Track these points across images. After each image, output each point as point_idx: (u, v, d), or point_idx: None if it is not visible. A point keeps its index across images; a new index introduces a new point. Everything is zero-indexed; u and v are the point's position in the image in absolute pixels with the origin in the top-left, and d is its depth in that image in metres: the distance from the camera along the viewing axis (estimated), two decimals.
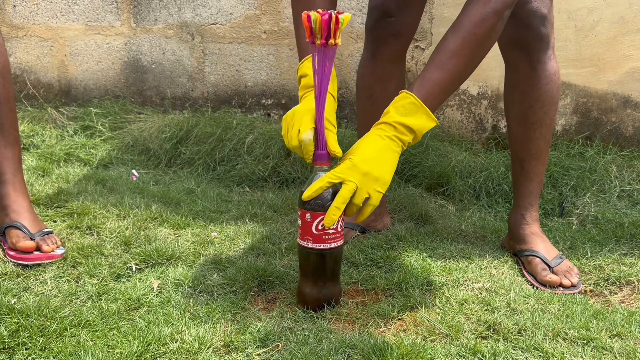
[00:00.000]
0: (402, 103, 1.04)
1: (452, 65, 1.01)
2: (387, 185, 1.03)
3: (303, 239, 1.07)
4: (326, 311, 1.09)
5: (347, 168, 1.02)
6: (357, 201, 1.01)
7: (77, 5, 2.34)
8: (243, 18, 2.23)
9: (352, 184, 1.01)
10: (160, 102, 2.38)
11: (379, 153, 1.02)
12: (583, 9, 1.93)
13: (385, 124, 1.04)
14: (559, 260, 1.28)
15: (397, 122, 1.03)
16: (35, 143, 2.14)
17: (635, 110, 1.99)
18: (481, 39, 1.01)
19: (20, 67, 2.44)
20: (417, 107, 1.03)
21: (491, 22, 1.00)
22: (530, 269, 1.28)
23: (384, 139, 1.03)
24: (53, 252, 1.28)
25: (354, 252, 1.35)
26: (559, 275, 1.24)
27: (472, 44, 1.01)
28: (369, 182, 1.01)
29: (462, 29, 1.01)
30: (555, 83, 1.30)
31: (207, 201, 1.68)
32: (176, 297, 1.13)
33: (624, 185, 1.74)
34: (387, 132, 1.03)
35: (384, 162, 1.02)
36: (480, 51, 1.03)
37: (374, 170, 1.01)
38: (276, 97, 2.28)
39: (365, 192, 1.01)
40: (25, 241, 1.27)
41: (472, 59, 1.03)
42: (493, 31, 1.02)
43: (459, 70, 1.02)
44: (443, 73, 1.02)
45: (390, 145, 1.03)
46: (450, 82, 1.03)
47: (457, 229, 1.53)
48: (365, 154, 1.02)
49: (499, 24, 1.02)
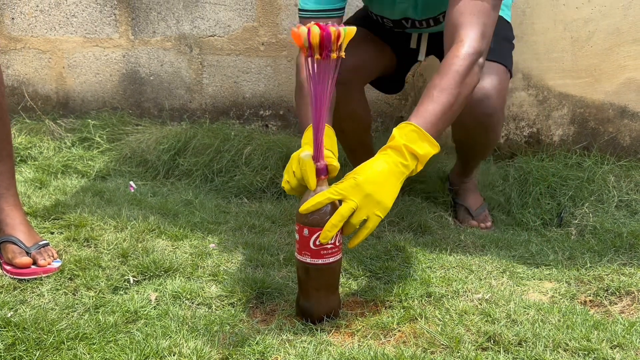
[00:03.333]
0: (404, 131, 1.07)
1: (443, 98, 1.12)
2: (387, 212, 1.04)
3: (301, 253, 1.06)
4: (325, 323, 1.09)
5: (350, 186, 1.02)
6: (355, 221, 1.02)
7: (76, 18, 2.35)
8: (241, 30, 2.24)
9: (352, 203, 1.01)
10: (159, 113, 2.38)
11: (383, 178, 1.04)
12: (579, 20, 1.94)
13: (392, 149, 1.06)
14: (480, 211, 1.70)
15: (404, 146, 1.05)
16: (33, 155, 2.13)
17: (632, 120, 2.00)
18: (463, 75, 1.15)
19: (18, 80, 2.45)
20: (419, 134, 1.07)
21: (469, 62, 1.16)
22: (458, 213, 1.72)
23: (389, 165, 1.05)
24: (49, 265, 1.27)
25: (353, 263, 1.34)
26: (477, 221, 1.68)
27: (456, 80, 1.14)
28: (369, 204, 1.02)
29: (446, 69, 1.15)
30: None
31: (205, 212, 1.67)
32: (174, 309, 1.12)
33: (622, 195, 1.74)
34: (393, 157, 1.05)
35: (388, 187, 1.03)
36: (464, 87, 1.15)
37: (376, 194, 1.02)
38: (274, 108, 2.29)
39: (365, 214, 1.02)
40: (21, 258, 1.27)
41: (459, 94, 1.14)
42: (472, 70, 1.17)
43: (450, 102, 1.12)
44: (436, 105, 1.11)
45: (395, 172, 1.05)
46: (443, 113, 1.11)
47: (456, 239, 1.53)
48: (370, 176, 1.03)
49: (476, 66, 1.18)
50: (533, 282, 1.30)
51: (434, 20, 1.52)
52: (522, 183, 1.81)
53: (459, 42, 1.18)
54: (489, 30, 1.22)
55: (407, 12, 1.50)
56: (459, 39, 1.18)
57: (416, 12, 1.49)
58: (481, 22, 1.20)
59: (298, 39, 0.97)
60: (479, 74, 1.20)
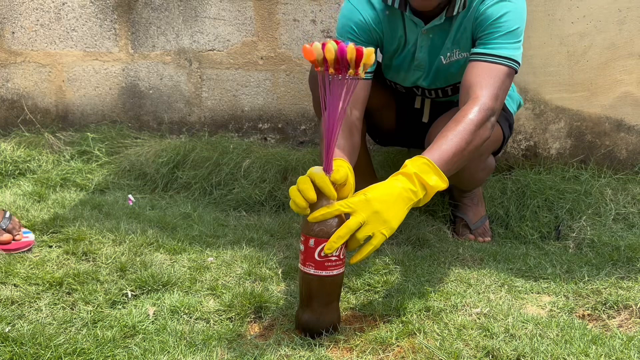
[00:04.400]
0: (417, 163, 1.12)
1: (456, 140, 1.19)
2: (393, 232, 1.06)
3: (305, 264, 1.06)
4: (324, 338, 1.08)
5: (360, 201, 1.04)
6: (360, 236, 1.03)
7: (76, 32, 2.37)
8: (240, 44, 2.25)
9: (360, 217, 1.03)
10: (158, 126, 2.39)
11: (393, 199, 1.07)
12: (575, 35, 1.96)
13: (403, 175, 1.10)
14: (479, 224, 1.72)
15: (415, 174, 1.09)
16: (32, 168, 2.13)
17: (628, 134, 2.01)
18: (477, 125, 1.23)
19: (17, 93, 2.46)
20: (430, 167, 1.12)
21: (483, 115, 1.25)
22: (457, 227, 1.74)
23: (399, 189, 1.08)
24: (25, 238, 1.46)
25: (351, 276, 1.34)
26: (475, 235, 1.71)
27: (470, 128, 1.22)
28: (377, 222, 1.04)
29: (462, 118, 1.23)
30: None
31: (203, 226, 1.68)
32: (172, 324, 1.12)
33: (619, 209, 1.75)
34: (404, 183, 1.09)
35: (396, 208, 1.06)
36: (476, 136, 1.23)
37: (384, 212, 1.04)
38: (273, 121, 2.30)
39: (370, 230, 1.03)
40: (2, 235, 1.43)
41: (471, 141, 1.21)
42: (484, 124, 1.25)
43: (462, 147, 1.19)
44: (449, 146, 1.17)
45: (404, 197, 1.08)
46: (454, 154, 1.17)
47: (455, 253, 1.53)
48: (380, 195, 1.06)
49: (488, 122, 1.26)
50: (531, 296, 1.30)
51: (443, 92, 1.61)
52: (519, 196, 1.82)
53: (474, 99, 1.27)
54: (502, 94, 1.32)
55: (419, 80, 1.58)
56: (474, 96, 1.28)
57: (426, 81, 1.57)
58: (496, 85, 1.30)
59: (310, 54, 0.99)
60: (491, 130, 1.28)
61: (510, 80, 1.36)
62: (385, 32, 1.49)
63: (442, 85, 1.58)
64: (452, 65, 1.50)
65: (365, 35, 1.47)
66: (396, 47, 1.52)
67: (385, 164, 2.00)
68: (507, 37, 1.36)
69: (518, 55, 1.37)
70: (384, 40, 1.51)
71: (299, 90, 2.24)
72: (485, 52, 1.35)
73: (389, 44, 1.51)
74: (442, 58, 1.50)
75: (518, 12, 1.38)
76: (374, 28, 1.47)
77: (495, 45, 1.35)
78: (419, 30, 1.47)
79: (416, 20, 1.45)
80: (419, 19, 1.45)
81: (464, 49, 1.47)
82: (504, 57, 1.34)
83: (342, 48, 0.98)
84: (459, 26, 1.44)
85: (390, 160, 2.01)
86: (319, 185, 1.05)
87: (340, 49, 0.98)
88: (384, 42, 1.51)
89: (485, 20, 1.38)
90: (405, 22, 1.48)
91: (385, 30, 1.49)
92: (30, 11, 2.38)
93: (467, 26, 1.43)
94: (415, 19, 1.45)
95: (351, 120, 1.37)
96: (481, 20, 1.39)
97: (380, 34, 1.49)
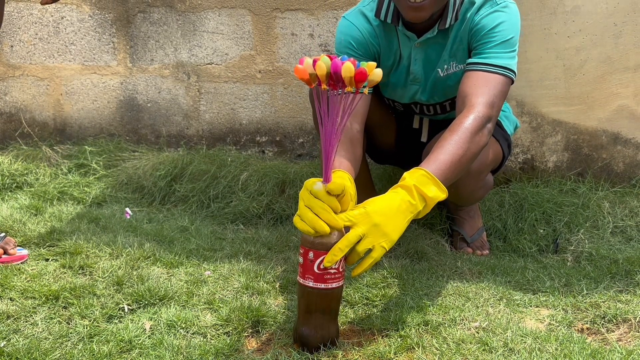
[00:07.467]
0: (415, 175, 1.12)
1: (453, 150, 1.19)
2: (392, 245, 1.06)
3: (304, 277, 1.06)
4: (322, 352, 1.08)
5: (360, 214, 1.05)
6: (360, 249, 1.03)
7: (74, 46, 2.38)
8: (238, 58, 2.26)
9: (360, 230, 1.03)
10: (155, 140, 2.39)
11: (393, 212, 1.07)
12: (571, 49, 1.98)
13: (402, 188, 1.11)
14: (476, 237, 1.70)
15: (414, 186, 1.10)
16: (29, 181, 2.13)
17: (625, 147, 2.02)
18: (473, 133, 1.23)
19: (15, 106, 2.46)
20: (429, 179, 1.12)
21: (479, 123, 1.25)
22: (454, 241, 1.73)
23: (398, 202, 1.08)
24: (21, 253, 1.47)
25: (349, 290, 1.34)
26: (473, 248, 1.69)
27: (466, 136, 1.22)
28: (377, 234, 1.04)
29: (457, 126, 1.23)
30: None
31: (200, 239, 1.67)
32: (169, 338, 1.11)
33: (617, 222, 1.75)
34: (403, 195, 1.09)
35: (396, 221, 1.07)
36: (473, 144, 1.23)
37: (384, 225, 1.05)
38: (270, 134, 2.30)
39: (370, 243, 1.03)
40: None
41: (468, 149, 1.21)
42: (481, 131, 1.25)
43: (459, 155, 1.19)
44: (447, 155, 1.18)
45: (404, 210, 1.08)
46: (452, 163, 1.18)
47: (453, 266, 1.53)
48: (380, 208, 1.06)
49: (485, 128, 1.27)
50: (530, 310, 1.30)
51: (441, 108, 1.61)
52: (517, 209, 1.82)
53: (470, 107, 1.28)
54: (498, 102, 1.32)
55: (417, 95, 1.58)
56: (470, 104, 1.28)
57: (425, 95, 1.57)
58: (491, 93, 1.31)
59: (302, 73, 0.99)
60: (488, 136, 1.28)
61: (507, 88, 1.36)
62: (382, 46, 1.50)
63: (440, 100, 1.58)
64: (449, 77, 1.51)
65: (364, 49, 1.48)
66: (392, 62, 1.53)
67: (384, 177, 2.00)
68: (501, 47, 1.37)
69: (513, 64, 1.37)
70: (381, 55, 1.52)
71: (297, 104, 2.25)
72: (480, 61, 1.37)
73: (385, 58, 1.52)
74: (440, 71, 1.51)
75: (512, 21, 1.40)
76: (371, 42, 1.48)
77: (490, 54, 1.37)
78: (412, 43, 1.48)
79: (409, 34, 1.46)
80: (412, 33, 1.46)
81: (460, 61, 1.48)
82: (499, 66, 1.35)
83: (335, 64, 0.97)
84: (455, 38, 1.45)
85: (387, 175, 2.01)
86: (326, 203, 1.04)
87: (334, 65, 0.98)
88: (381, 56, 1.52)
89: (480, 30, 1.39)
90: (399, 37, 1.49)
91: (382, 45, 1.50)
92: (29, 25, 2.39)
93: (463, 37, 1.44)
94: (408, 33, 1.46)
95: (352, 133, 1.37)
96: (476, 30, 1.40)
97: (377, 47, 1.50)
